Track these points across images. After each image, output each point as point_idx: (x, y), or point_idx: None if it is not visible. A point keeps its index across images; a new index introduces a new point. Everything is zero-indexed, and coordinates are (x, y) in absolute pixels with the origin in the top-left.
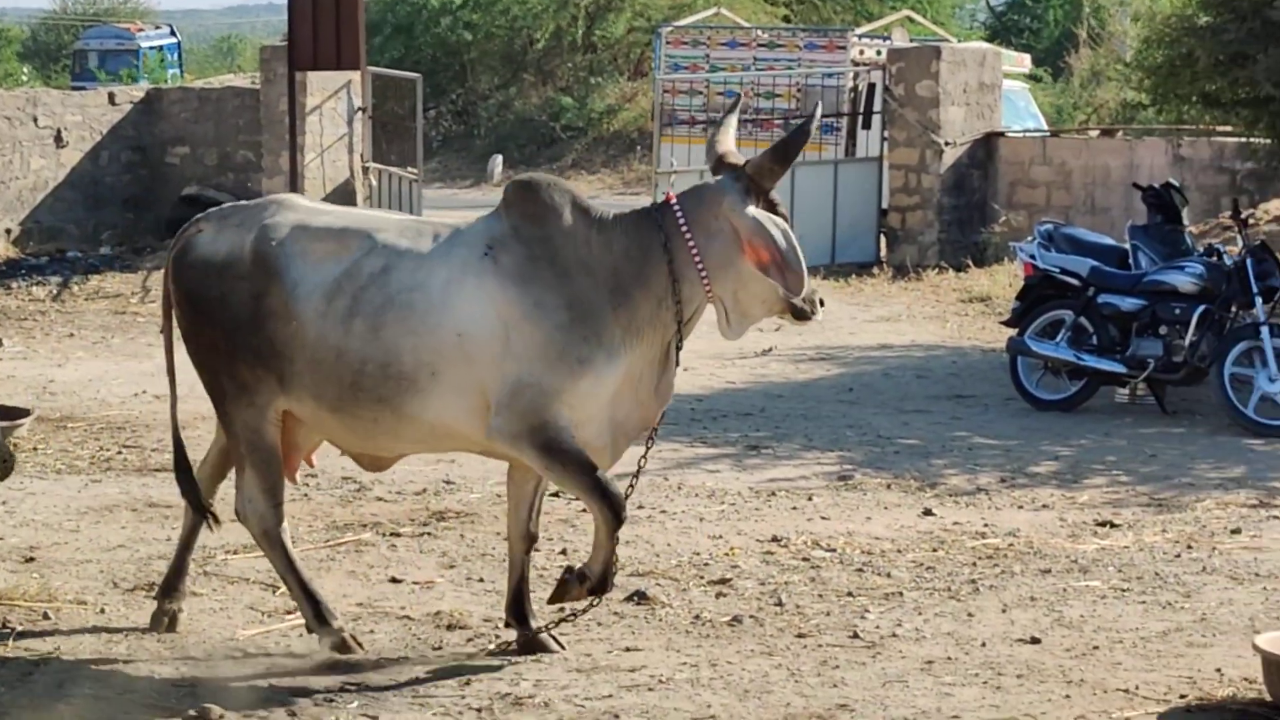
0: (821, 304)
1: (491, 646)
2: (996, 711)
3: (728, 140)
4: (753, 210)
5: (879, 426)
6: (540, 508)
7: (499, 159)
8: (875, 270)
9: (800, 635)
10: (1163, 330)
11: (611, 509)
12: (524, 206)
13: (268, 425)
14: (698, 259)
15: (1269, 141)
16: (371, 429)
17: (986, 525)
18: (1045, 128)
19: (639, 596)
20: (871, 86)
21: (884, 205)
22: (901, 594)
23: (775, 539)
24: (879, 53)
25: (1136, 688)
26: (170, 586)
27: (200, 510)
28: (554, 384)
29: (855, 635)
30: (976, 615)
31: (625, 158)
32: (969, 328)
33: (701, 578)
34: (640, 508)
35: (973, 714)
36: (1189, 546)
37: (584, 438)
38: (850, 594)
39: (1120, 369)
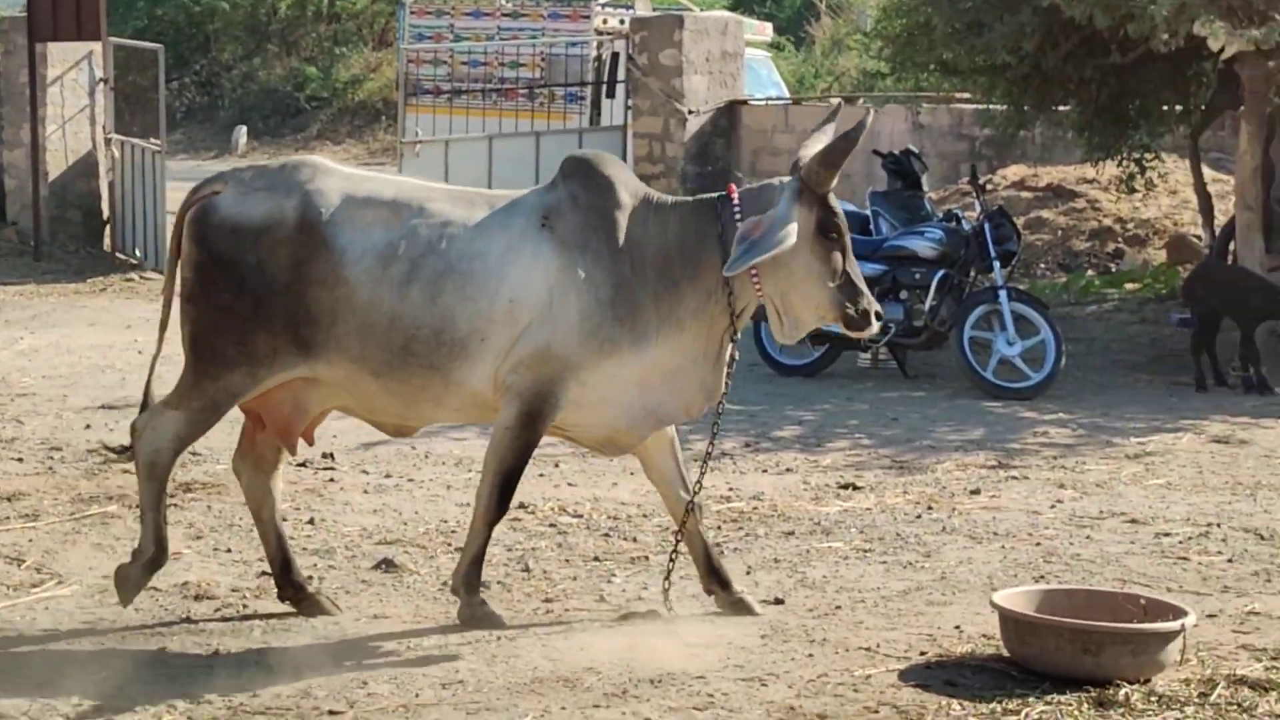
0: (878, 317)
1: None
2: (741, 671)
3: (811, 145)
4: (789, 205)
5: None
6: (686, 473)
7: (243, 130)
8: None
9: (547, 600)
10: (903, 295)
11: (502, 504)
12: (582, 178)
13: (246, 395)
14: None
15: (1005, 108)
16: (417, 395)
17: (731, 489)
18: (787, 96)
19: (386, 564)
20: (615, 55)
21: None
22: (647, 558)
23: (522, 505)
24: (622, 22)
25: (878, 646)
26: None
27: None
28: (578, 360)
29: (601, 599)
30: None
31: (371, 128)
32: None
33: (449, 545)
34: (388, 476)
35: (717, 674)
36: (929, 507)
37: (605, 418)
38: (597, 559)
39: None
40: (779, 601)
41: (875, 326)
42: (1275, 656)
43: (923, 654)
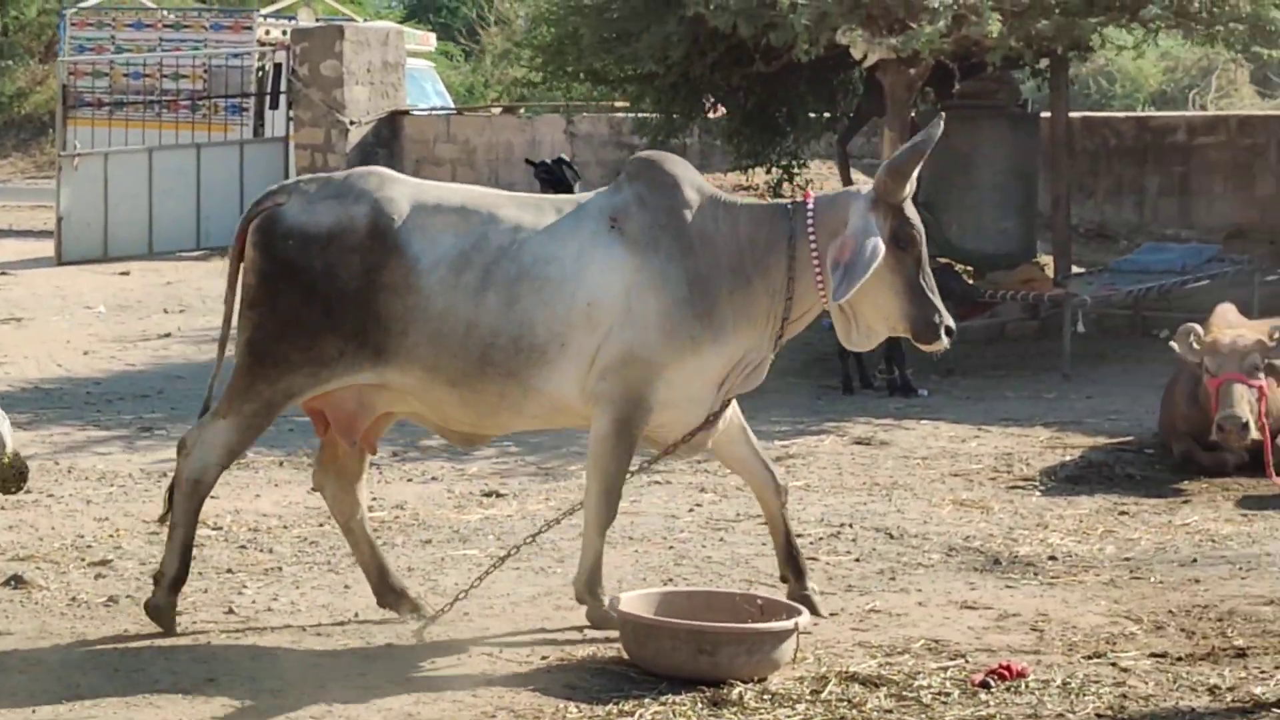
0: (950, 333)
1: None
2: (363, 679)
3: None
4: (866, 218)
5: None
6: (765, 457)
7: None
8: None
9: (177, 613)
10: None
11: (611, 510)
12: (648, 177)
13: (302, 397)
14: (816, 262)
15: (657, 116)
16: (495, 404)
17: (375, 499)
18: (451, 106)
19: (15, 581)
20: (278, 66)
21: None
22: (281, 569)
23: (161, 520)
24: (284, 33)
25: (501, 651)
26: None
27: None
28: (663, 359)
29: (230, 611)
30: (354, 587)
31: (37, 141)
32: None
33: (83, 559)
34: (28, 492)
35: (339, 682)
36: (570, 514)
37: (686, 417)
38: (230, 570)
39: None
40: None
41: (946, 341)
42: (890, 653)
43: (544, 658)
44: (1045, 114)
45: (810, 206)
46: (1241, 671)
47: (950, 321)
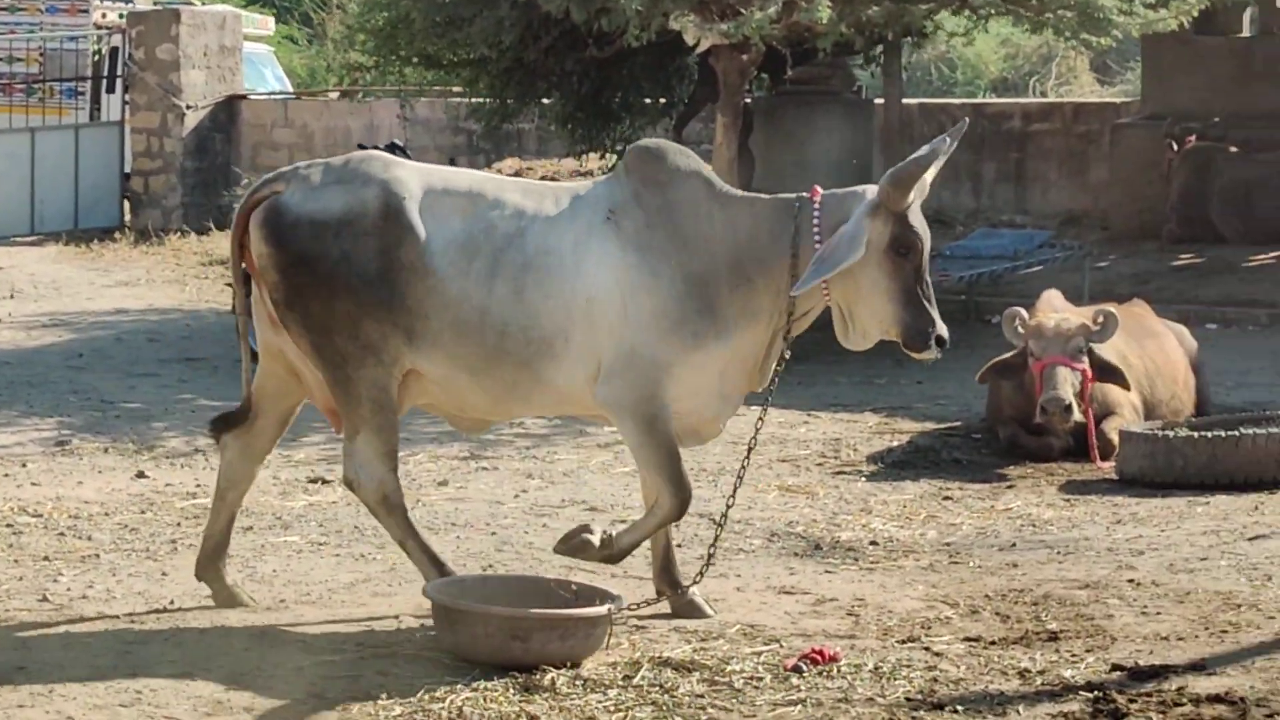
0: (941, 343)
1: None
2: (174, 666)
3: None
4: (860, 219)
5: (104, 391)
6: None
7: None
8: (118, 235)
9: None
10: None
11: (680, 502)
12: (646, 171)
13: (394, 383)
14: None
15: (491, 101)
16: (509, 393)
17: (199, 486)
18: (290, 90)
19: None
20: (114, 50)
21: (127, 169)
22: (99, 556)
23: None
24: (121, 15)
25: (315, 638)
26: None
27: None
28: (666, 356)
29: (44, 599)
30: (171, 575)
31: None
32: (208, 290)
33: None
34: None
35: (151, 670)
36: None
37: (694, 408)
38: (47, 558)
39: None
40: None
41: (936, 351)
42: (705, 638)
43: (359, 645)
44: (880, 100)
45: (816, 204)
46: (1053, 655)
47: (943, 331)
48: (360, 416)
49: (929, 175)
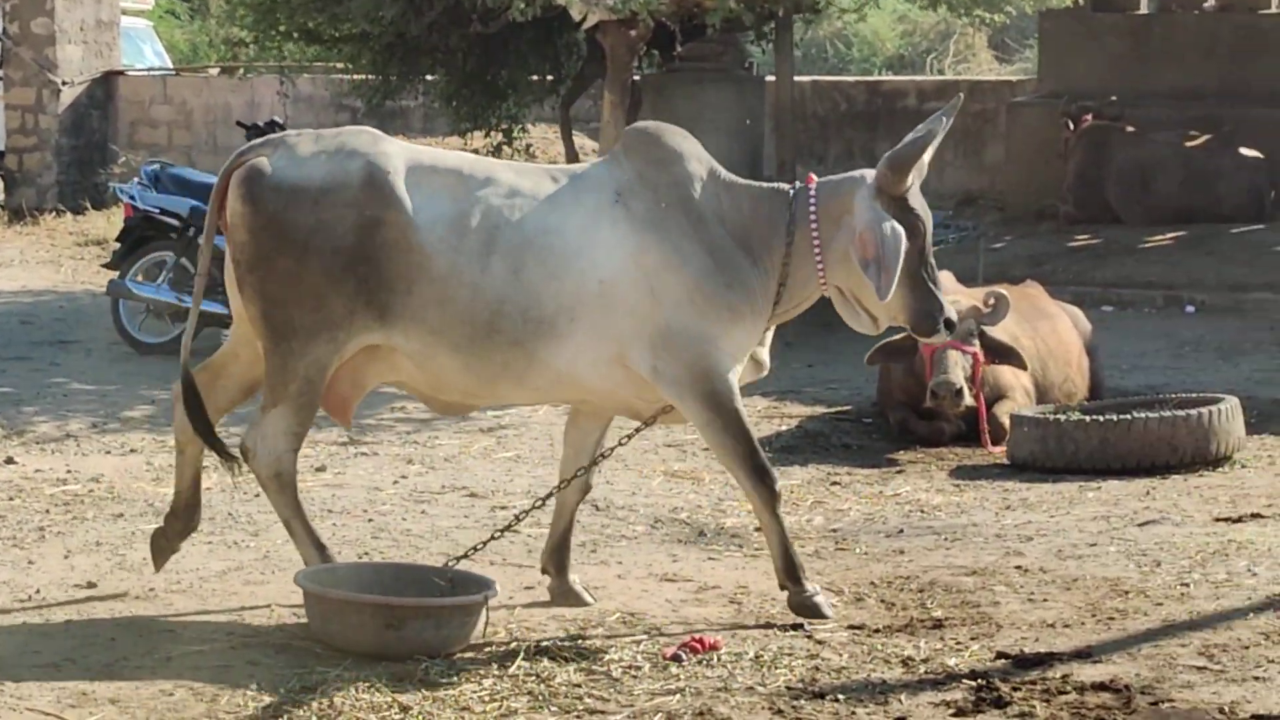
0: (950, 326)
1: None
2: (38, 657)
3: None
4: (873, 207)
5: None
6: (599, 460)
7: None
8: None
9: None
10: None
11: (765, 482)
12: (646, 152)
13: (334, 365)
14: (817, 247)
15: (373, 78)
16: (499, 373)
17: (70, 471)
18: (170, 66)
19: None
20: None
21: (1, 147)
22: None
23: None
24: None
25: (185, 628)
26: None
27: (222, 453)
28: (708, 330)
29: None
30: (37, 563)
31: None
32: (83, 271)
33: None
34: None
35: (13, 662)
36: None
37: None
38: None
39: (223, 309)
40: (92, 585)
41: (945, 333)
42: (584, 626)
43: (230, 635)
44: (772, 77)
45: (812, 191)
46: (938, 643)
47: (952, 314)
48: (286, 392)
49: (926, 156)
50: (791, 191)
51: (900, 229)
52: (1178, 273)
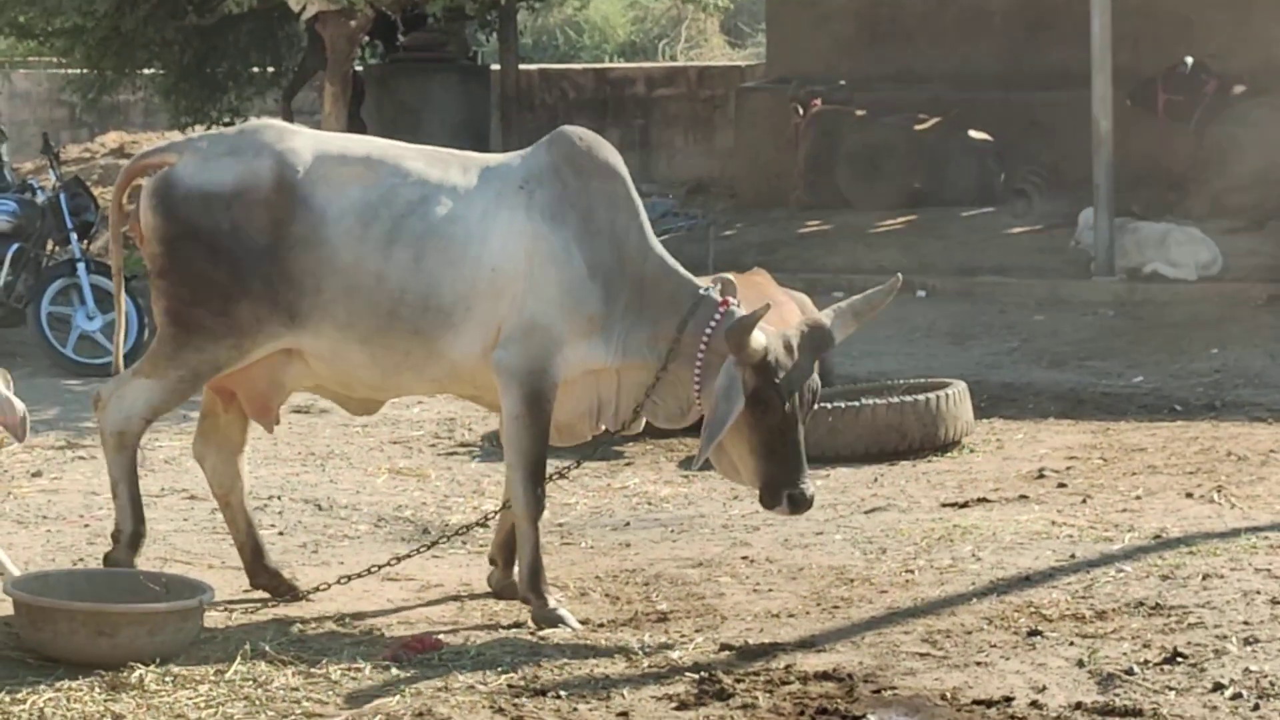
0: (796, 503)
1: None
2: None
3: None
4: (729, 369)
5: None
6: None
7: None
8: None
9: None
10: None
11: (536, 493)
12: (570, 153)
13: (230, 368)
14: (699, 367)
15: (88, 72)
16: (400, 363)
17: None
18: None
19: None
20: None
21: None
22: None
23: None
24: None
25: None
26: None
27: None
28: (562, 332)
29: None
30: None
31: None
32: None
33: None
34: None
35: None
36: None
37: (574, 404)
38: None
39: None
40: None
41: (789, 509)
42: (303, 629)
43: None
44: (497, 66)
45: (718, 315)
46: (662, 636)
47: (809, 490)
48: (165, 373)
49: (838, 331)
50: (701, 293)
51: (738, 408)
52: (909, 257)
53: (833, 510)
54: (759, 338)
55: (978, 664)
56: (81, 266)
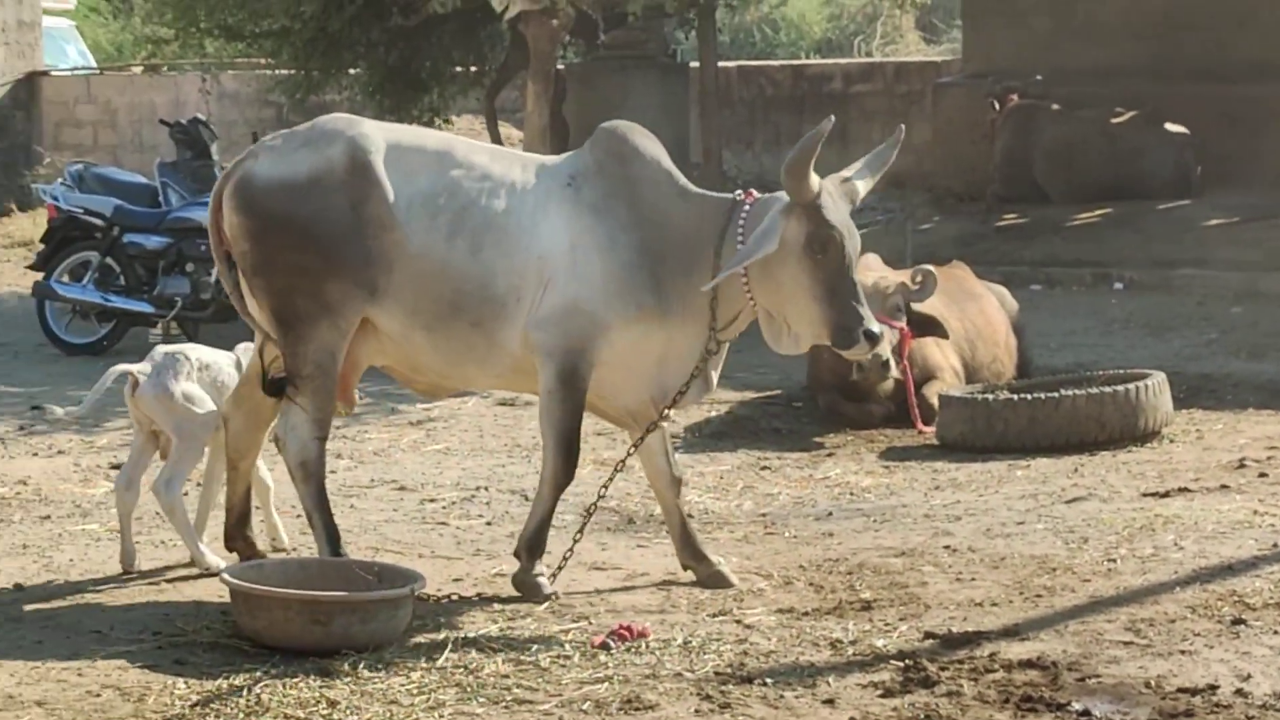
0: (870, 338)
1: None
2: None
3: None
4: (775, 216)
5: None
6: (671, 450)
7: None
8: None
9: None
10: (189, 267)
11: (568, 464)
12: (611, 145)
13: (342, 349)
14: (744, 276)
15: (296, 73)
16: (464, 355)
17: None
18: (94, 66)
19: None
20: None
21: None
22: None
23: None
24: None
25: (111, 628)
26: None
27: None
28: (607, 318)
29: None
30: None
31: None
32: (9, 274)
33: None
34: None
35: None
36: (199, 485)
37: (631, 386)
38: None
39: (148, 309)
40: (19, 588)
41: (866, 345)
42: (512, 617)
43: (156, 634)
44: (696, 64)
45: (746, 207)
46: (866, 624)
47: (874, 327)
48: (303, 385)
49: (861, 184)
50: (731, 204)
51: (770, 246)
52: (1105, 250)
53: (1034, 500)
54: (815, 176)
55: (1182, 652)
56: None
